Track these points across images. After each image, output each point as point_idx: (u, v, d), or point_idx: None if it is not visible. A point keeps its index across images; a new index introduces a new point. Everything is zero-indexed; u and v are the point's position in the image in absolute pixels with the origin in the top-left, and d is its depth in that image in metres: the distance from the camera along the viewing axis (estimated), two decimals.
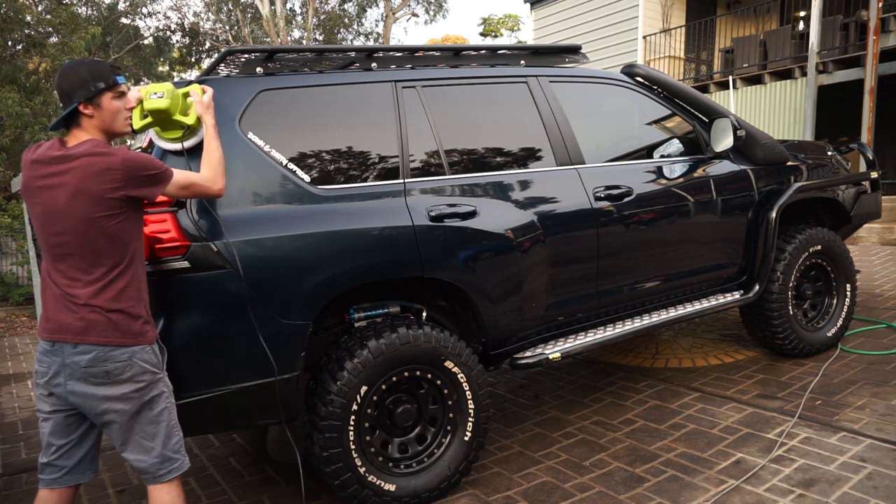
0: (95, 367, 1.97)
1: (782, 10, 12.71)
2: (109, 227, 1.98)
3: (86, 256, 1.98)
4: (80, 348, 1.97)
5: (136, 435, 2.06)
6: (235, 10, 21.73)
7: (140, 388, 2.03)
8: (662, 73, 3.80)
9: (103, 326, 1.98)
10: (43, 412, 2.08)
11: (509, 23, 30.98)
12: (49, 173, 1.99)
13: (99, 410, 2.02)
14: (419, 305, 3.00)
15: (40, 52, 12.72)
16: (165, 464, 2.10)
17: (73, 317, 1.97)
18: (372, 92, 2.90)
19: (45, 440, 2.09)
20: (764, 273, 3.80)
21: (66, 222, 1.96)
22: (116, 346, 1.99)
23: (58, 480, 2.10)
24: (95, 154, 1.96)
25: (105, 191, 1.95)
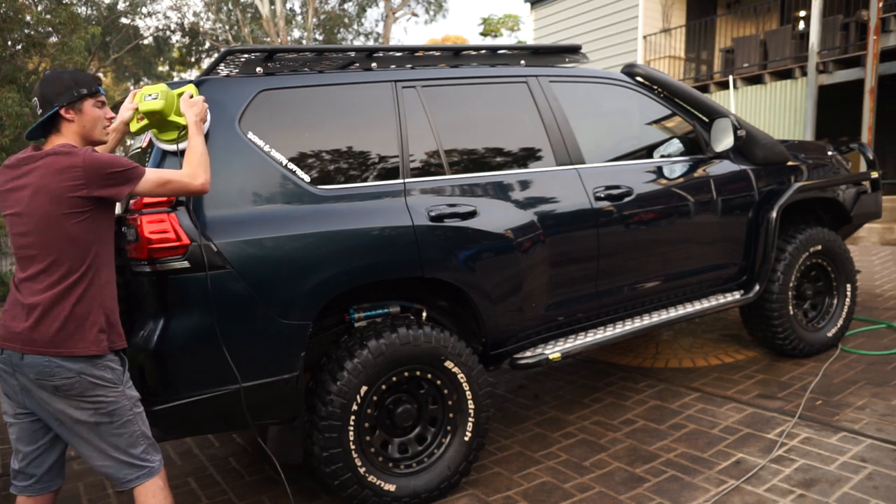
0: (44, 381, 1.92)
1: (782, 10, 12.70)
2: (70, 228, 1.94)
3: (46, 258, 1.94)
4: (26, 360, 1.92)
5: (96, 446, 2.02)
6: (235, 10, 21.74)
7: (94, 404, 1.97)
8: (662, 73, 3.80)
9: (51, 336, 1.91)
10: (8, 415, 2.05)
11: (509, 23, 30.97)
12: (16, 175, 2.00)
13: (55, 420, 1.99)
14: (419, 305, 3.00)
15: (40, 52, 12.72)
16: (132, 470, 2.06)
17: (23, 325, 1.93)
18: (372, 92, 2.90)
19: (14, 445, 2.07)
20: (764, 273, 3.80)
21: (28, 222, 1.95)
22: (64, 358, 1.92)
23: (30, 488, 2.08)
24: (59, 153, 1.96)
25: (66, 189, 1.92)
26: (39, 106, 2.04)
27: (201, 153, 2.23)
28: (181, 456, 3.60)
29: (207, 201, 2.42)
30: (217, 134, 2.52)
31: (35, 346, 1.92)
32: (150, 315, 2.41)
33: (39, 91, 2.05)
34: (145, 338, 2.37)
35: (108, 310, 2.04)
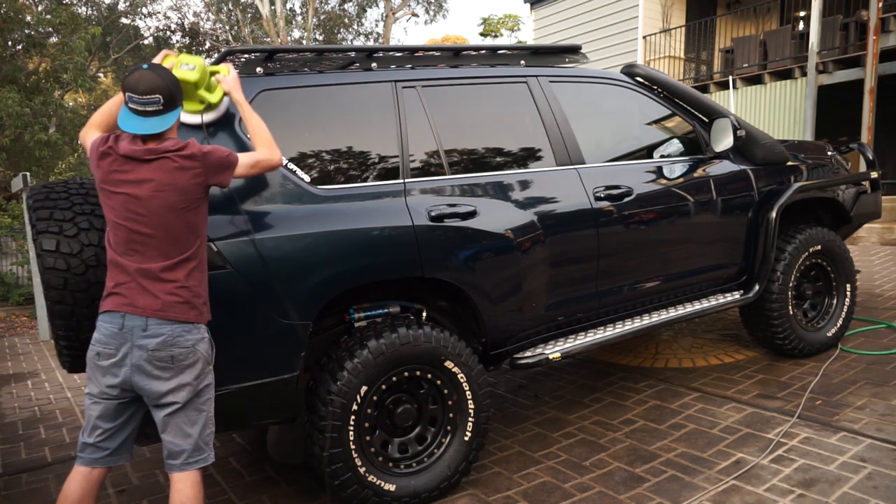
0: (162, 352, 2.06)
1: (782, 10, 12.70)
2: (189, 217, 2.12)
3: (167, 243, 2.09)
4: (150, 330, 2.06)
5: (181, 420, 2.14)
6: (235, 10, 21.74)
7: (197, 376, 2.14)
8: (662, 73, 3.80)
9: (174, 304, 2.08)
10: (93, 395, 2.13)
11: (509, 23, 30.96)
12: (131, 167, 2.09)
13: (159, 394, 2.09)
14: (419, 305, 3.00)
15: (40, 52, 12.73)
16: (196, 452, 2.17)
17: (149, 299, 2.07)
18: (372, 92, 2.90)
19: (92, 422, 2.14)
20: (764, 273, 3.80)
21: (151, 213, 2.07)
22: (184, 325, 2.09)
23: (99, 461, 2.17)
24: (178, 149, 2.10)
25: (189, 182, 2.10)
26: (162, 102, 2.10)
27: (267, 130, 2.39)
28: None
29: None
30: (217, 134, 2.52)
31: (164, 312, 2.07)
32: None
33: (167, 88, 2.11)
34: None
35: (205, 285, 2.22)
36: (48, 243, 2.40)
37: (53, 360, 6.29)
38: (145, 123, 2.09)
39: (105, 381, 2.11)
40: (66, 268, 2.40)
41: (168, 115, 2.13)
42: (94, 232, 2.48)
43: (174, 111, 2.15)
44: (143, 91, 2.07)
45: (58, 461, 3.67)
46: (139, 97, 2.08)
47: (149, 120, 2.09)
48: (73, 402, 4.82)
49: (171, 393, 2.10)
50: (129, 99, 2.10)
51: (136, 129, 2.09)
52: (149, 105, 2.08)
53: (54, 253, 2.40)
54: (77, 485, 2.15)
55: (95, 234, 2.48)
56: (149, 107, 2.08)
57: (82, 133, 2.32)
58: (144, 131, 2.09)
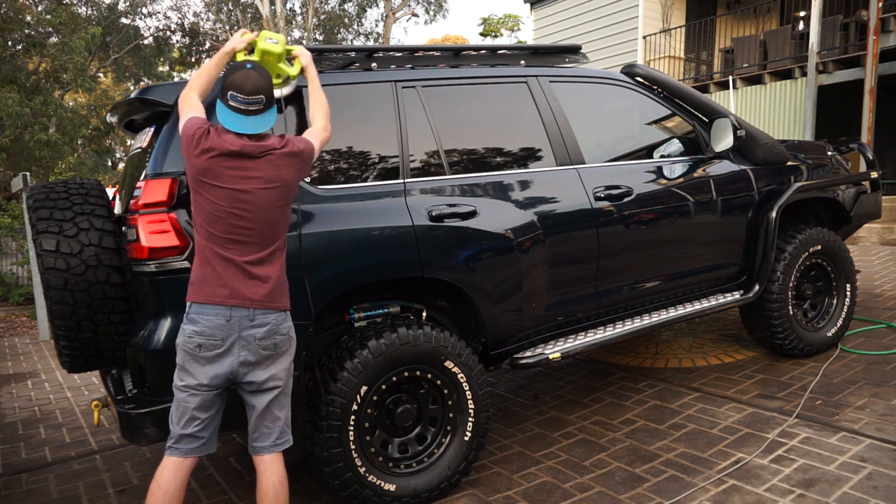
0: (268, 340, 2.16)
1: (782, 10, 12.70)
2: (286, 211, 2.24)
3: (270, 238, 2.19)
4: (257, 320, 2.14)
5: (274, 405, 2.24)
6: (235, 10, 21.74)
7: (288, 364, 2.26)
8: (662, 73, 3.80)
9: (274, 293, 2.18)
10: (191, 387, 2.16)
11: (509, 23, 30.95)
12: (241, 165, 2.14)
13: (262, 381, 2.19)
14: (419, 305, 3.00)
15: (40, 52, 12.72)
16: (283, 434, 2.29)
17: (256, 290, 2.15)
18: (372, 92, 2.90)
19: (190, 414, 2.17)
20: (764, 273, 3.80)
21: (256, 208, 2.14)
22: (282, 312, 2.20)
23: (195, 450, 2.21)
24: (281, 146, 2.20)
25: (293, 178, 2.22)
26: (264, 102, 2.18)
27: (327, 104, 2.51)
28: None
29: None
30: None
31: (265, 304, 2.16)
32: (150, 315, 2.41)
33: (268, 87, 2.20)
34: (145, 337, 2.38)
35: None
36: (48, 243, 2.41)
37: (53, 360, 6.29)
38: (250, 122, 2.16)
39: (209, 371, 2.14)
40: (66, 268, 2.41)
41: (268, 113, 2.22)
42: (94, 232, 2.48)
43: (272, 110, 2.24)
44: (249, 91, 2.15)
45: (58, 461, 3.67)
46: (244, 97, 2.15)
47: (252, 119, 2.17)
48: (73, 402, 4.82)
49: (272, 379, 2.20)
50: (231, 98, 2.15)
51: (245, 129, 2.16)
52: (252, 105, 2.16)
53: (54, 253, 2.40)
54: (171, 474, 2.19)
55: (95, 234, 2.48)
56: (252, 106, 2.16)
57: (183, 94, 2.33)
58: (253, 131, 2.17)
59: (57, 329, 2.50)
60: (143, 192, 2.38)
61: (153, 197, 2.37)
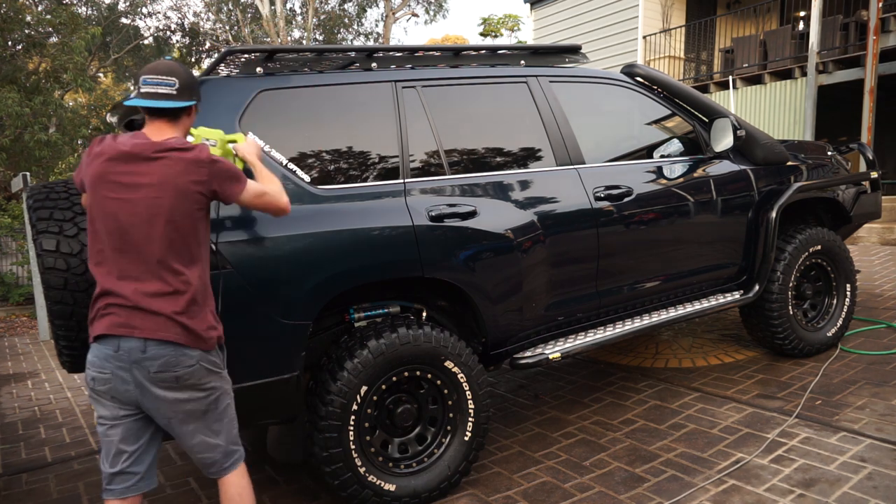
0: (165, 373, 1.94)
1: (782, 10, 12.71)
2: (189, 224, 1.98)
3: (167, 251, 1.96)
4: (149, 352, 1.92)
5: (203, 434, 2.05)
6: (235, 10, 21.74)
7: (207, 390, 2.02)
8: (662, 73, 3.80)
9: (172, 327, 1.95)
10: (107, 419, 2.00)
11: (509, 23, 30.95)
12: (130, 170, 1.95)
13: (167, 413, 1.99)
14: (419, 305, 3.00)
15: (40, 52, 12.72)
16: (228, 456, 2.12)
17: (150, 319, 1.94)
18: (372, 92, 2.90)
19: (115, 447, 2.00)
20: (764, 273, 3.80)
21: (150, 216, 1.93)
22: (185, 347, 1.95)
23: (131, 488, 2.03)
24: (184, 149, 1.96)
25: (191, 184, 1.95)
26: (177, 87, 1.99)
27: (278, 180, 2.28)
28: (181, 456, 3.60)
29: None
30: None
31: (157, 333, 1.92)
32: None
33: (183, 75, 2.02)
34: None
35: (211, 307, 2.09)
36: (48, 243, 2.41)
37: (53, 360, 6.29)
38: (156, 102, 1.98)
39: (111, 402, 2.00)
40: (66, 268, 2.41)
41: (183, 102, 2.02)
42: None
43: (188, 102, 2.04)
44: (161, 71, 1.98)
45: (58, 461, 3.67)
46: (153, 77, 1.97)
47: (160, 101, 1.98)
48: (73, 402, 4.82)
49: (179, 409, 2.00)
50: (143, 83, 1.99)
51: (150, 104, 1.98)
52: (161, 86, 1.97)
53: (54, 253, 2.40)
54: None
55: None
56: (161, 88, 1.97)
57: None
58: (157, 104, 1.97)
59: (57, 329, 2.50)
60: None
61: None
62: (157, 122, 2.03)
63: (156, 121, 2.03)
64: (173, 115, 2.04)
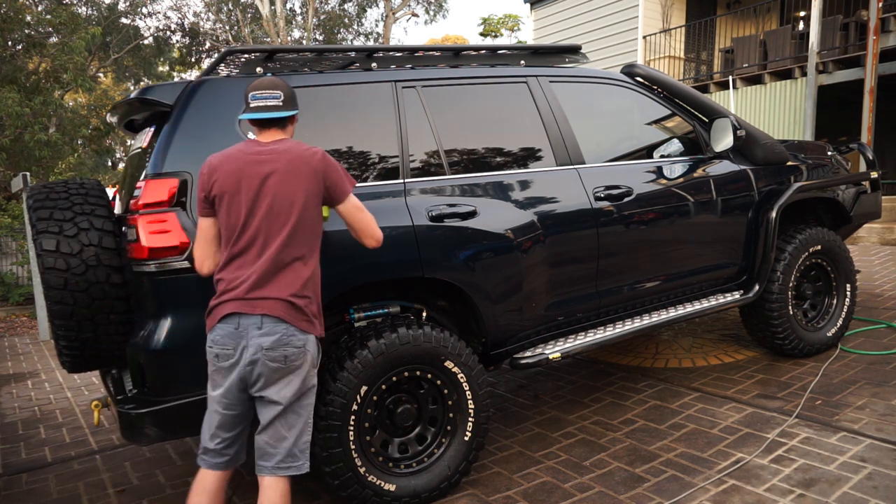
0: (275, 351, 2.07)
1: (782, 10, 12.70)
2: (310, 211, 2.16)
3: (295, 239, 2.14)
4: (265, 328, 2.07)
5: (279, 421, 2.12)
6: (235, 10, 21.73)
7: (304, 378, 2.15)
8: (662, 73, 3.80)
9: (285, 307, 2.10)
10: (215, 402, 2.15)
11: (509, 23, 30.95)
12: (260, 161, 2.14)
13: (269, 392, 2.10)
14: (419, 305, 3.00)
15: (40, 52, 12.72)
16: (289, 458, 2.15)
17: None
18: (372, 92, 2.90)
19: (212, 430, 2.18)
20: (764, 273, 3.80)
21: (274, 203, 2.11)
22: (297, 330, 2.10)
23: (220, 465, 2.20)
24: (302, 147, 2.19)
25: (311, 175, 2.14)
26: (283, 98, 2.21)
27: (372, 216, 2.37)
28: (181, 456, 3.60)
29: None
30: (217, 134, 2.52)
31: (275, 313, 2.08)
32: (150, 315, 2.41)
33: (287, 88, 2.24)
34: (146, 337, 2.38)
35: (318, 297, 2.25)
36: (48, 243, 2.41)
37: (53, 360, 6.29)
38: (268, 114, 2.19)
39: (223, 383, 2.15)
40: (66, 268, 2.41)
41: (288, 111, 2.22)
42: (93, 232, 2.48)
43: (293, 112, 2.24)
44: (266, 86, 2.20)
45: (58, 461, 3.67)
46: (261, 92, 2.19)
47: (271, 112, 2.19)
48: (73, 402, 4.82)
49: (278, 392, 2.11)
50: (252, 99, 2.19)
51: (263, 115, 2.18)
52: (270, 99, 2.19)
53: (54, 253, 2.40)
54: (210, 480, 2.19)
55: (95, 234, 2.48)
56: (270, 101, 2.19)
57: (199, 266, 2.27)
58: (269, 115, 2.18)
59: (57, 329, 2.50)
60: (143, 192, 2.39)
61: (153, 197, 2.37)
62: (269, 130, 2.24)
63: (266, 130, 2.24)
64: (282, 124, 2.25)
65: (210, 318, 2.16)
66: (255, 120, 2.22)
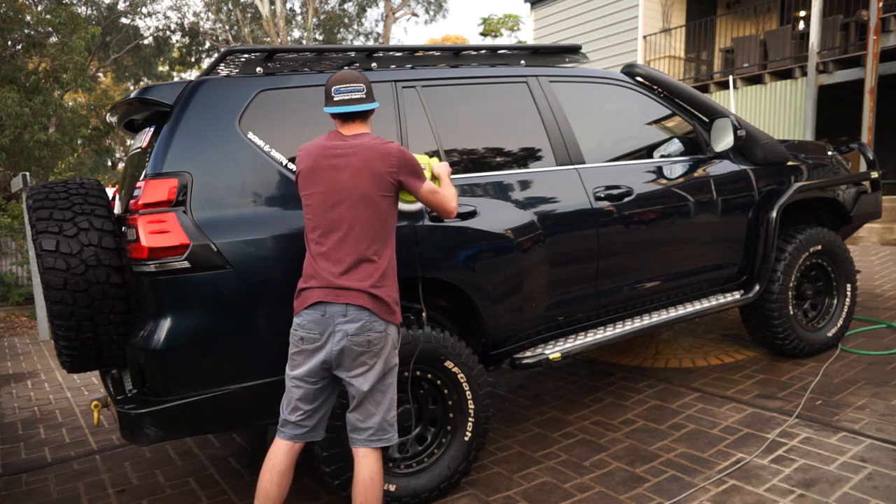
0: (360, 337, 2.21)
1: (782, 10, 12.70)
2: (383, 202, 2.27)
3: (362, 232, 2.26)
4: (350, 315, 2.21)
5: (368, 400, 2.27)
6: (235, 10, 21.74)
7: (386, 359, 2.28)
8: (662, 73, 3.80)
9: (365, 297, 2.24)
10: (297, 379, 2.28)
11: (509, 23, 30.93)
12: (335, 154, 2.28)
13: (356, 375, 2.24)
14: (419, 305, 3.00)
15: (40, 52, 12.72)
16: (380, 431, 2.30)
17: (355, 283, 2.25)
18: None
19: (293, 404, 2.30)
20: (764, 273, 3.80)
21: (349, 198, 2.24)
22: (378, 318, 2.24)
23: (298, 436, 2.32)
24: (378, 142, 2.29)
25: (385, 172, 2.25)
26: (365, 91, 2.32)
27: (455, 192, 2.55)
28: (181, 456, 3.60)
29: (207, 201, 2.42)
30: (217, 134, 2.52)
31: (358, 301, 2.22)
32: (150, 315, 2.41)
33: (367, 81, 2.36)
34: (146, 337, 2.38)
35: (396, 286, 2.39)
36: (48, 243, 2.41)
37: (53, 360, 6.29)
38: (352, 107, 2.30)
39: (306, 364, 2.28)
40: (65, 268, 2.41)
41: (369, 104, 2.33)
42: (93, 232, 2.48)
43: (373, 103, 2.35)
44: (349, 80, 2.31)
45: (58, 461, 3.67)
46: (345, 86, 2.30)
47: (354, 105, 2.30)
48: (73, 402, 4.82)
49: (362, 373, 2.25)
50: (335, 92, 2.30)
51: (348, 109, 2.29)
52: (354, 92, 2.30)
53: (54, 253, 2.40)
54: (282, 454, 2.29)
55: (95, 234, 2.48)
56: (354, 94, 2.30)
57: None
58: (354, 109, 2.30)
59: (57, 329, 2.50)
60: (143, 192, 2.38)
61: (153, 197, 2.37)
62: (352, 123, 2.35)
63: (349, 123, 2.35)
64: (364, 116, 2.36)
65: (298, 302, 2.29)
66: (339, 114, 2.32)
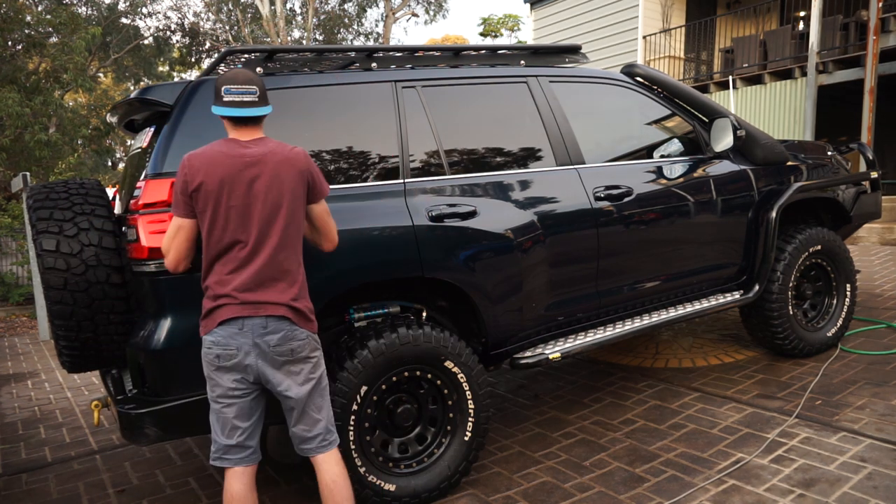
0: (282, 346, 2.14)
1: (782, 10, 12.70)
2: (298, 213, 2.18)
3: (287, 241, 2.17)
4: (271, 327, 2.12)
5: (308, 409, 2.22)
6: (235, 10, 21.74)
7: (314, 364, 2.23)
8: (662, 73, 3.80)
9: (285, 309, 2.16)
10: (224, 398, 2.16)
11: (509, 23, 30.95)
12: (247, 164, 2.12)
13: (285, 384, 2.17)
14: (419, 305, 3.00)
15: (40, 52, 12.73)
16: (328, 434, 2.27)
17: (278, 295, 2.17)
18: (372, 92, 2.90)
19: (230, 424, 2.18)
20: (764, 273, 3.80)
21: (264, 209, 2.11)
22: (298, 327, 2.17)
23: (244, 460, 2.22)
24: (286, 147, 2.18)
25: (298, 178, 2.16)
26: (258, 94, 2.16)
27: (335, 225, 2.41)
28: (181, 456, 3.60)
29: None
30: (216, 134, 2.52)
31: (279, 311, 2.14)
32: (150, 315, 2.41)
33: (261, 82, 2.20)
34: (146, 337, 2.38)
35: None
36: (48, 243, 2.41)
37: (53, 360, 6.29)
38: (247, 111, 2.14)
39: (234, 380, 2.20)
40: (66, 268, 2.41)
41: (264, 108, 2.18)
42: (94, 232, 2.48)
43: (268, 107, 2.20)
44: (242, 81, 2.14)
45: (58, 461, 3.67)
46: (237, 87, 2.13)
47: (248, 109, 2.14)
48: (73, 402, 4.82)
49: (293, 384, 2.20)
50: (225, 92, 2.13)
51: (244, 113, 2.14)
52: (247, 94, 2.14)
53: (54, 253, 2.40)
54: (237, 481, 2.20)
55: (95, 234, 2.48)
56: (247, 97, 2.14)
57: (175, 266, 2.23)
58: (251, 113, 2.15)
59: (57, 329, 2.50)
60: (143, 192, 2.39)
61: (153, 197, 2.37)
62: (246, 128, 2.19)
63: (244, 127, 2.18)
64: (259, 120, 2.20)
65: (208, 321, 2.15)
66: (232, 117, 2.16)
